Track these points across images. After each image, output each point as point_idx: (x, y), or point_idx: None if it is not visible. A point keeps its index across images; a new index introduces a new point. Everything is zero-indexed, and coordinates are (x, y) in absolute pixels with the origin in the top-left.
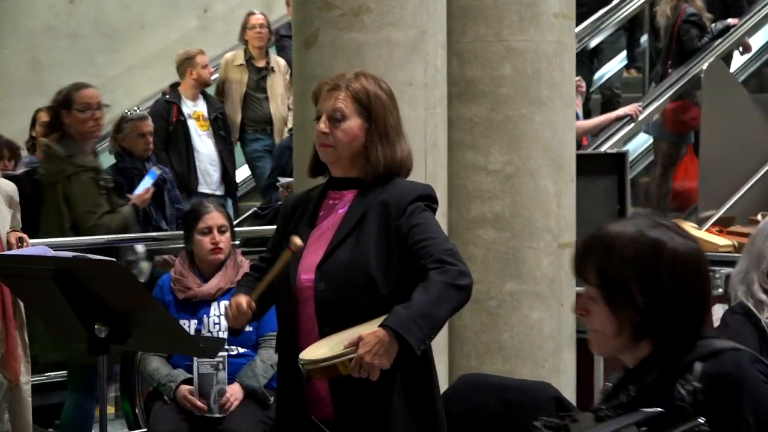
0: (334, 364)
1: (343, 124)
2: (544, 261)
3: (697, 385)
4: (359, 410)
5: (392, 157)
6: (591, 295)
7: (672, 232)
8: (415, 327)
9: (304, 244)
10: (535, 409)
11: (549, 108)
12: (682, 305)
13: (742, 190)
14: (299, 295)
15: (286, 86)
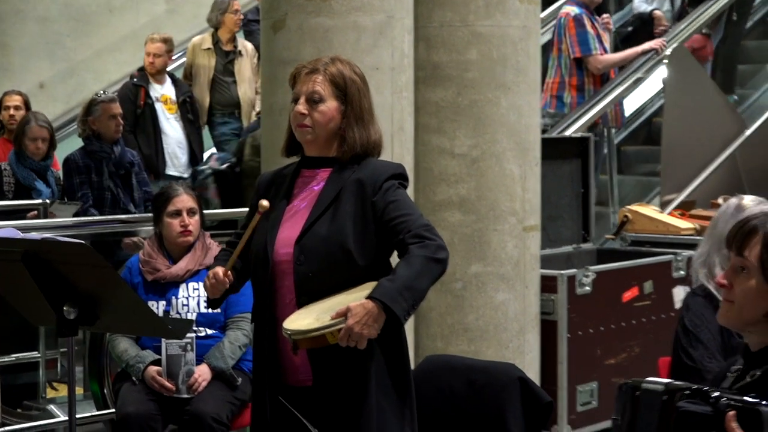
0: (323, 334)
1: (320, 105)
2: (509, 243)
3: None
4: (338, 377)
5: (367, 138)
6: (744, 267)
7: None
8: (400, 298)
9: (280, 219)
10: (499, 390)
11: (514, 92)
12: None
13: (703, 174)
14: (277, 269)
15: (254, 70)
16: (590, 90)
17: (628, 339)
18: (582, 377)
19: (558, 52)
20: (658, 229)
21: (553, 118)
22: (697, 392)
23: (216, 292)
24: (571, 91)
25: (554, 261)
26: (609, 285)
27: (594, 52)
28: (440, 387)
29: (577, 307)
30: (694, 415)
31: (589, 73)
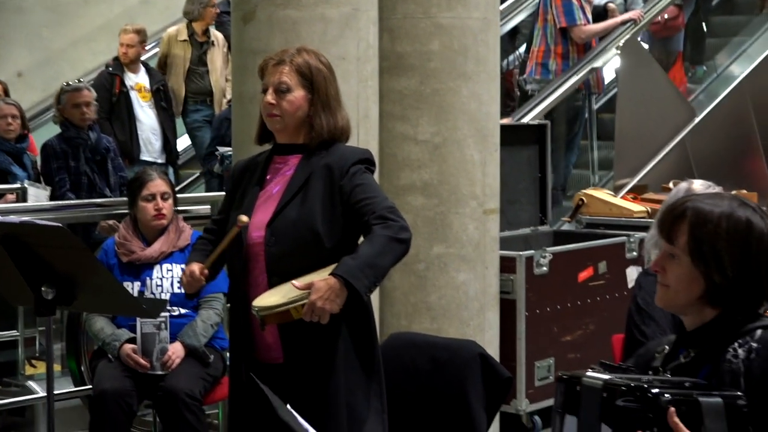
0: (288, 309)
1: (288, 95)
2: (469, 226)
3: (755, 345)
4: (307, 354)
5: (334, 124)
6: (674, 254)
7: (756, 214)
8: (362, 275)
9: (253, 204)
10: (461, 366)
11: (475, 81)
12: (762, 279)
13: (655, 160)
14: (250, 251)
15: (224, 60)
16: (574, 58)
17: (583, 317)
18: (539, 354)
19: (543, 22)
20: (611, 212)
21: (539, 84)
22: (636, 388)
23: (191, 289)
24: (557, 58)
25: (513, 243)
26: (565, 265)
27: (579, 22)
28: (404, 364)
29: (535, 287)
30: (635, 412)
31: (573, 42)
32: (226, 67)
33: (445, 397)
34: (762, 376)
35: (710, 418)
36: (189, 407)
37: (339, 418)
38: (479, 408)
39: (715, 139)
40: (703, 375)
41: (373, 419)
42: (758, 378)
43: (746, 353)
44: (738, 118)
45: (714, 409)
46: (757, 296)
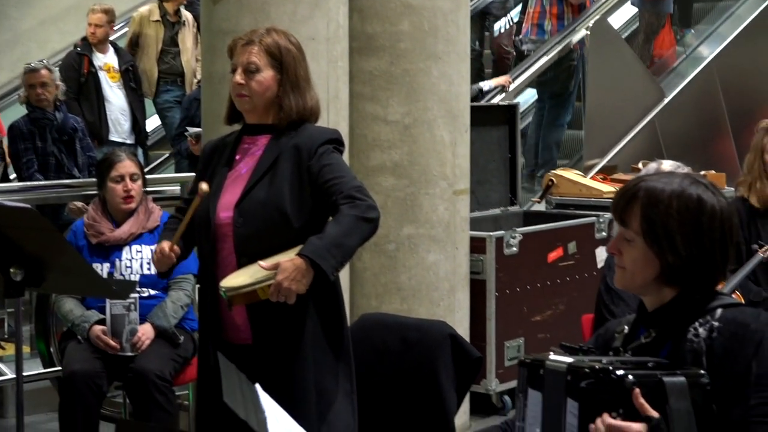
0: (254, 289)
1: (257, 75)
2: (439, 206)
3: (716, 324)
4: (275, 335)
5: (303, 105)
6: (628, 237)
7: (708, 191)
8: (328, 255)
9: (222, 185)
10: (431, 346)
11: (445, 62)
12: (716, 256)
13: (624, 140)
14: (218, 231)
15: (195, 40)
16: (569, 18)
17: (553, 297)
18: (509, 334)
19: None
20: (581, 193)
21: (535, 44)
22: (600, 371)
23: (163, 267)
24: (552, 19)
25: (483, 223)
26: (535, 246)
27: None
28: (374, 344)
29: (505, 267)
30: (600, 394)
31: (568, 2)
32: (196, 48)
33: (415, 377)
34: (724, 354)
35: (674, 397)
36: (159, 388)
37: (308, 399)
38: (449, 388)
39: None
40: (664, 354)
41: (342, 400)
42: (720, 356)
43: (707, 332)
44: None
45: (678, 388)
46: (712, 273)
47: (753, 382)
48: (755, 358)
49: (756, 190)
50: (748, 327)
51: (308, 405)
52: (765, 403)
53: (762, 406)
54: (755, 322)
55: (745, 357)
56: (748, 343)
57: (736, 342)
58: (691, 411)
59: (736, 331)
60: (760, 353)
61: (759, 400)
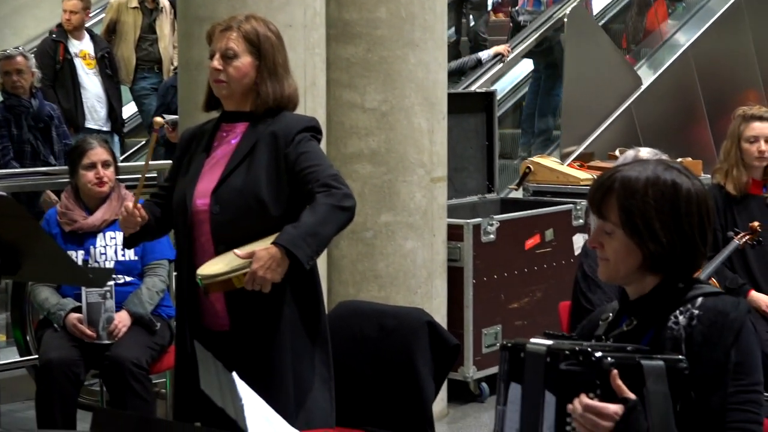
0: (230, 278)
1: (235, 61)
2: (417, 194)
3: (696, 312)
4: (253, 322)
5: (281, 92)
6: (608, 230)
7: (683, 175)
8: (303, 244)
9: (199, 172)
10: (409, 334)
11: (422, 49)
12: (696, 240)
13: (601, 127)
14: (195, 218)
15: (172, 27)
16: None
17: (530, 284)
18: (487, 321)
19: None
20: (558, 180)
21: (531, 15)
22: (579, 353)
23: (129, 226)
24: None
25: (460, 210)
26: (512, 233)
27: None
28: (352, 332)
29: (482, 254)
30: (579, 375)
31: None
32: (173, 35)
33: (392, 364)
34: (703, 342)
35: (652, 379)
36: (136, 376)
37: (285, 385)
38: (427, 375)
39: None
40: (645, 342)
41: (320, 387)
42: (699, 344)
43: (687, 320)
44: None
45: (656, 372)
46: (694, 257)
47: (731, 369)
48: (734, 347)
49: (732, 177)
50: (728, 316)
51: (286, 392)
52: (742, 390)
53: (740, 393)
54: (734, 311)
55: (724, 345)
56: (727, 332)
57: (715, 330)
58: (668, 394)
59: (715, 319)
60: (739, 342)
61: (737, 388)
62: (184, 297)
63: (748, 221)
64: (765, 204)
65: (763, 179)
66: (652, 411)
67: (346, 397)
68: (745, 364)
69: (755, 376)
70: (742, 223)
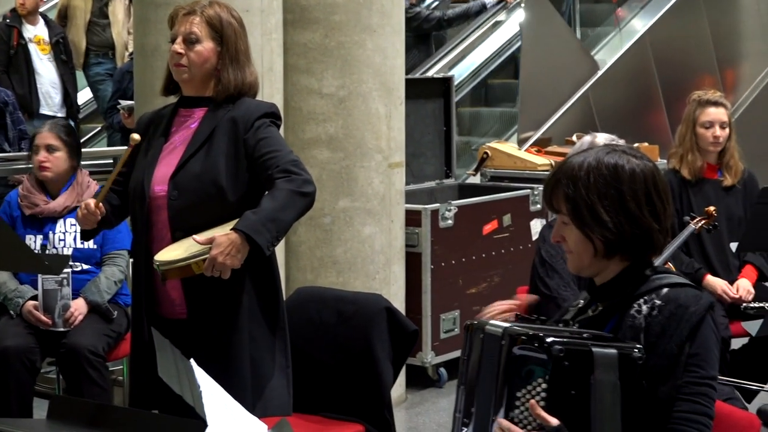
0: (189, 264)
1: (197, 46)
2: (375, 180)
3: (659, 302)
4: (211, 309)
5: (242, 79)
6: (564, 222)
7: (627, 155)
8: (263, 230)
9: (157, 157)
10: (367, 319)
11: (380, 35)
12: (646, 218)
13: (558, 113)
14: (153, 204)
15: (126, 12)
16: None
17: (488, 269)
18: (445, 306)
19: None
20: (515, 165)
21: None
22: (534, 337)
23: (87, 223)
24: None
25: (418, 196)
26: (470, 218)
27: None
28: (310, 318)
29: (440, 240)
30: (529, 359)
31: None
32: (128, 20)
33: (351, 350)
34: (661, 333)
35: (601, 368)
36: (92, 364)
37: (242, 373)
38: (385, 361)
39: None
40: (609, 328)
41: (278, 375)
42: (657, 335)
43: (649, 310)
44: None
45: (606, 360)
46: (649, 236)
47: (684, 362)
48: (690, 341)
49: (687, 162)
50: (687, 309)
51: (244, 379)
52: (693, 382)
53: (691, 385)
54: (695, 304)
55: (679, 337)
56: (684, 325)
57: (673, 322)
58: (616, 384)
59: (675, 311)
60: (695, 336)
61: (688, 379)
62: (141, 284)
63: (704, 205)
64: (720, 188)
65: (717, 163)
66: (597, 400)
67: (305, 383)
68: (699, 357)
69: (709, 371)
70: (698, 206)
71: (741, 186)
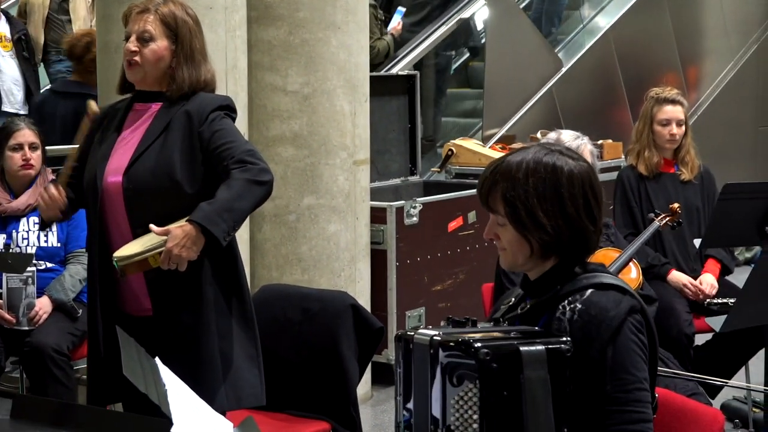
0: (145, 257)
1: (151, 44)
2: (340, 177)
3: (580, 306)
4: (175, 304)
5: (197, 77)
6: (500, 222)
7: (565, 156)
8: (219, 220)
9: (110, 150)
10: (333, 317)
11: (344, 32)
12: (583, 221)
13: (523, 109)
14: (106, 195)
15: (88, 9)
16: None
17: (453, 266)
18: (410, 303)
19: None
20: (480, 162)
21: None
22: (460, 344)
23: (51, 212)
24: None
25: (383, 193)
26: (435, 215)
27: None
28: (276, 315)
29: (406, 237)
30: (459, 366)
31: None
32: (91, 17)
33: (317, 348)
34: (582, 338)
35: (530, 367)
36: (57, 362)
37: (213, 365)
38: (351, 358)
39: (581, 90)
40: (541, 324)
41: (248, 365)
42: (579, 339)
43: (571, 313)
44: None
45: (534, 358)
46: (584, 238)
47: (608, 368)
48: (611, 345)
49: (644, 158)
50: (608, 313)
51: (214, 372)
52: (621, 390)
53: (619, 394)
54: (615, 309)
55: (600, 342)
56: (604, 329)
57: (593, 326)
58: (546, 379)
59: (595, 315)
60: (616, 341)
61: (615, 389)
62: (95, 279)
63: (663, 198)
64: (678, 181)
65: (673, 158)
66: (527, 398)
67: (271, 380)
68: (623, 362)
69: (636, 374)
70: (656, 199)
71: (698, 181)
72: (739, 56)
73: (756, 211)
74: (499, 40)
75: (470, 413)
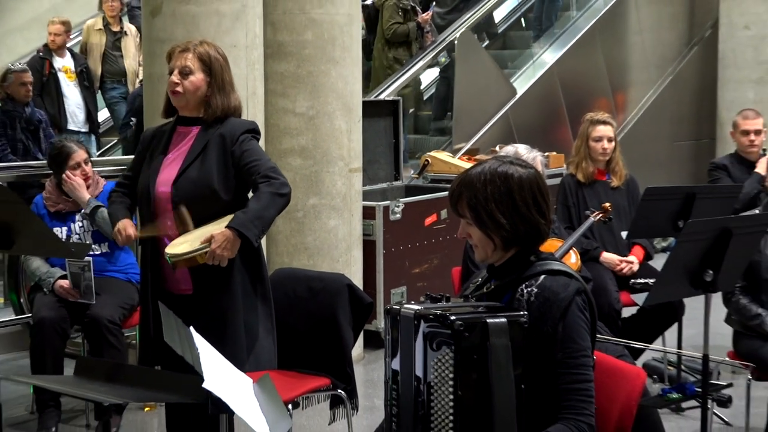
0: (194, 256)
1: (190, 77)
2: (338, 182)
3: (535, 290)
4: (212, 286)
5: (228, 104)
6: (468, 223)
7: (515, 165)
8: (252, 226)
9: (160, 166)
10: (332, 294)
11: (342, 65)
12: (534, 216)
13: (485, 128)
14: (157, 202)
15: (137, 47)
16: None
17: (429, 253)
18: (394, 283)
19: None
20: (451, 170)
21: None
22: (439, 317)
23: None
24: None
25: (373, 195)
26: (414, 213)
27: None
28: (287, 293)
29: (391, 230)
30: (437, 334)
31: None
32: (139, 53)
33: (320, 318)
34: (539, 316)
35: (495, 335)
36: (111, 331)
37: (238, 335)
38: (347, 327)
39: (532, 112)
40: (505, 301)
41: (265, 336)
42: (536, 317)
43: (528, 296)
44: (549, 96)
45: (498, 328)
46: (537, 229)
47: (559, 340)
48: (562, 321)
49: (581, 168)
50: (558, 295)
51: (239, 340)
52: (569, 356)
53: (567, 359)
54: (564, 291)
55: (552, 319)
56: (556, 309)
57: (547, 307)
58: (508, 345)
59: (548, 297)
60: (566, 317)
61: (564, 354)
62: (148, 266)
63: (596, 200)
64: (609, 187)
65: (605, 169)
66: (493, 360)
67: (283, 345)
68: (571, 334)
69: (581, 344)
70: (591, 202)
71: (624, 187)
72: (657, 85)
73: (671, 209)
74: (466, 72)
75: (447, 372)
